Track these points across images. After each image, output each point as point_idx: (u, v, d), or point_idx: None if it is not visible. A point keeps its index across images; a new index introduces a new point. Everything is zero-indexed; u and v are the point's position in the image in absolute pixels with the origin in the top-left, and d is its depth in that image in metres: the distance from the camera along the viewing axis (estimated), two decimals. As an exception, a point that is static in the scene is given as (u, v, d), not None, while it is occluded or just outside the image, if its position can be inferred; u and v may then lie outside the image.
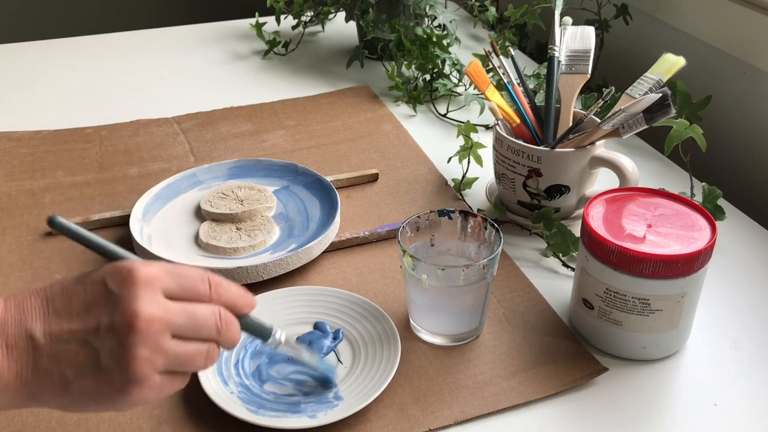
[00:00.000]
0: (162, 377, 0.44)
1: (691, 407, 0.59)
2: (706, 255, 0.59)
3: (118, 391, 0.43)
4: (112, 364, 0.43)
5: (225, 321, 0.47)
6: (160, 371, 0.44)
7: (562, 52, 0.81)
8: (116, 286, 0.43)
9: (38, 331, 0.43)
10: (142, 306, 0.43)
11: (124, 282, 0.43)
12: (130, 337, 0.42)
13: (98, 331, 0.43)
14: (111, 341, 0.43)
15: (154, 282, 0.44)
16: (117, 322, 0.43)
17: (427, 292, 0.61)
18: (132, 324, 0.42)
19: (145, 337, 0.43)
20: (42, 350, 0.43)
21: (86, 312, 0.43)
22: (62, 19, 2.38)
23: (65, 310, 0.44)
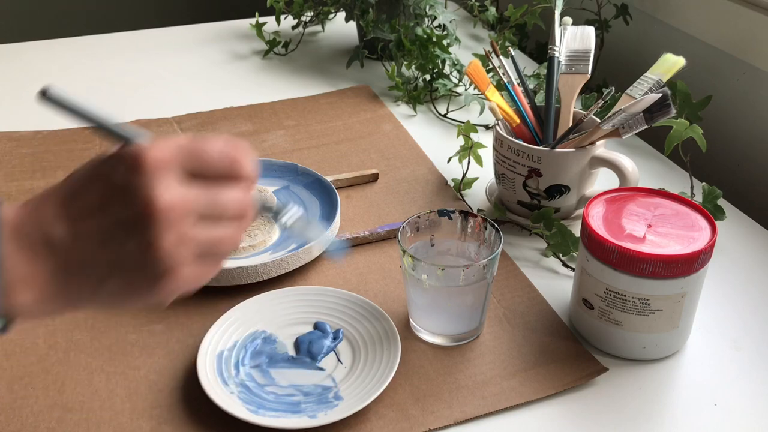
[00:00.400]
0: (193, 265, 0.42)
1: (691, 407, 0.59)
2: (706, 255, 0.59)
3: (151, 285, 0.41)
4: (139, 258, 0.40)
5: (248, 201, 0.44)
6: (190, 259, 0.42)
7: (562, 52, 0.81)
8: (125, 178, 0.40)
9: (59, 234, 0.40)
10: (157, 193, 0.39)
11: (133, 171, 0.40)
12: (150, 228, 0.40)
13: (118, 227, 0.40)
14: (133, 235, 0.40)
15: (166, 165, 0.40)
16: (134, 215, 0.40)
17: (427, 292, 0.61)
18: (150, 214, 0.39)
19: (167, 224, 0.40)
20: (67, 253, 0.40)
21: (101, 209, 0.40)
22: (62, 19, 2.38)
23: (81, 210, 0.41)
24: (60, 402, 0.59)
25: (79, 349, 0.64)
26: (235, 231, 0.44)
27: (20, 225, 0.40)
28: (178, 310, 0.68)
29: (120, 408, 0.58)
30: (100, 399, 0.59)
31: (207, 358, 0.60)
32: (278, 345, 0.63)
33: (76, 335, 0.65)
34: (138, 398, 0.59)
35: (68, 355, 0.63)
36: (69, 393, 0.59)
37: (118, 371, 0.61)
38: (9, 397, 0.59)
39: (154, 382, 0.60)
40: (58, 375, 0.61)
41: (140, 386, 0.60)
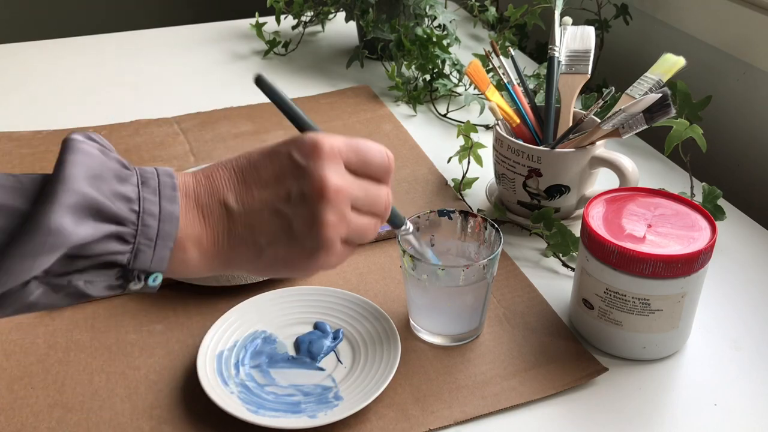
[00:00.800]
0: (342, 245, 0.48)
1: (691, 407, 0.59)
2: (706, 255, 0.59)
3: (307, 257, 0.46)
4: (304, 230, 0.45)
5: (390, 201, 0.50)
6: (342, 239, 0.47)
7: (562, 52, 0.81)
8: (303, 159, 0.45)
9: (232, 200, 0.45)
10: (329, 176, 0.45)
11: (311, 154, 0.46)
12: (320, 204, 0.45)
13: (289, 200, 0.45)
14: (302, 209, 0.45)
15: (337, 155, 0.46)
16: (307, 191, 0.45)
17: (427, 292, 0.61)
18: (322, 192, 0.45)
19: (334, 204, 0.45)
20: (237, 218, 0.45)
21: (276, 182, 0.46)
22: (62, 19, 2.38)
23: (255, 181, 0.46)
24: (60, 402, 0.59)
25: (79, 349, 0.64)
26: (376, 224, 0.50)
27: (195, 188, 0.45)
28: (178, 310, 0.68)
29: (120, 408, 0.58)
30: (100, 399, 0.59)
31: (207, 358, 0.60)
32: (278, 345, 0.63)
33: (76, 335, 0.65)
34: (138, 398, 0.59)
35: (68, 355, 0.63)
36: (69, 393, 0.59)
37: (118, 371, 0.61)
38: (9, 397, 0.59)
39: (154, 382, 0.60)
40: (58, 375, 0.61)
41: (140, 386, 0.60)
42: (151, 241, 0.43)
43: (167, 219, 0.43)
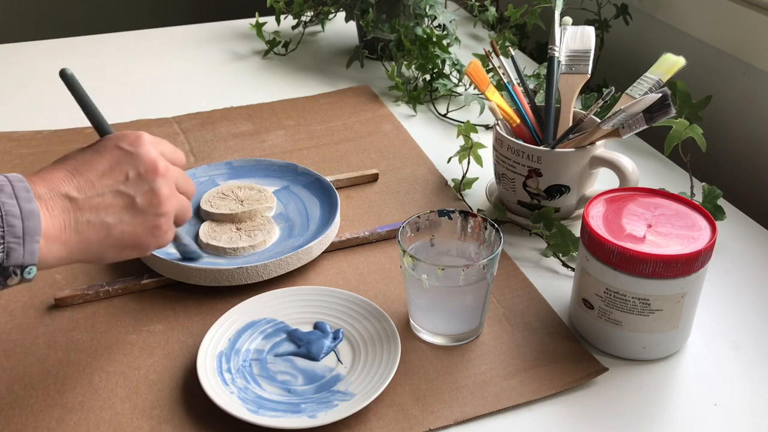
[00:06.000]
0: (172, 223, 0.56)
1: (691, 407, 0.59)
2: (706, 255, 0.59)
3: (151, 229, 0.54)
4: (146, 204, 0.53)
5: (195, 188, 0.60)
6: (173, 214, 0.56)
7: (562, 52, 0.81)
8: (132, 147, 0.54)
9: (73, 191, 0.51)
10: (157, 156, 0.54)
11: (137, 142, 0.54)
12: (156, 179, 0.54)
13: (128, 181, 0.53)
14: (142, 185, 0.53)
15: (156, 144, 0.56)
16: (143, 171, 0.53)
17: (427, 292, 0.61)
18: (156, 169, 0.54)
19: (167, 179, 0.55)
20: (82, 205, 0.51)
21: (112, 170, 0.53)
22: (62, 19, 2.38)
23: (92, 173, 0.52)
24: (60, 402, 0.59)
25: (79, 349, 0.64)
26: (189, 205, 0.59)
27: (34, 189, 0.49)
28: (178, 310, 0.68)
29: (120, 408, 0.58)
30: (100, 399, 0.59)
31: (207, 358, 0.60)
32: (279, 344, 0.63)
33: (76, 335, 0.65)
34: (138, 398, 0.59)
35: (68, 355, 0.63)
36: (69, 393, 0.59)
37: (118, 371, 0.61)
38: (9, 397, 0.59)
39: (154, 382, 0.60)
40: (58, 375, 0.61)
41: (140, 386, 0.60)
42: (18, 238, 0.47)
43: (29, 216, 0.48)
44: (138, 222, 0.53)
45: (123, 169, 0.53)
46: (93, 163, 0.53)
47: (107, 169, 0.52)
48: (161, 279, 0.70)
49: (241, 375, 0.60)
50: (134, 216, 0.53)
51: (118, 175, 0.52)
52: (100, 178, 0.52)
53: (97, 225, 0.51)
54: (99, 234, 0.52)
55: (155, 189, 0.53)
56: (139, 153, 0.54)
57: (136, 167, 0.53)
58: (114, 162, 0.53)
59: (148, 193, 0.53)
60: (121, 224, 0.52)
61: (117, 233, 0.52)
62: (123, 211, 0.52)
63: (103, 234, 0.52)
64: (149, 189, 0.53)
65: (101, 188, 0.52)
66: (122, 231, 0.53)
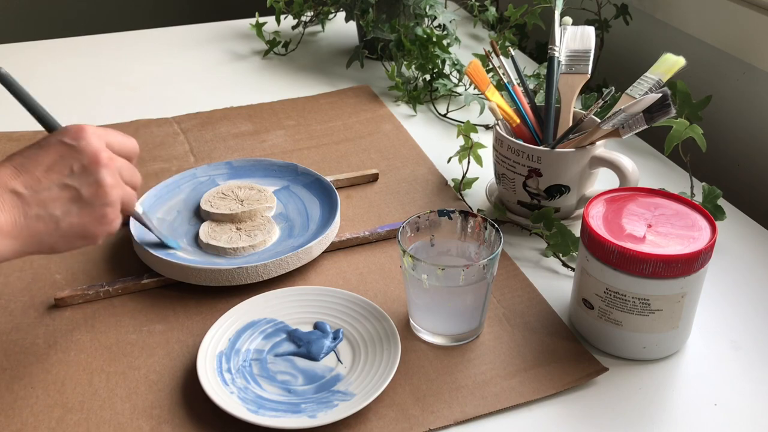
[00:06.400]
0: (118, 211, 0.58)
1: (691, 407, 0.59)
2: (706, 255, 0.59)
3: (98, 218, 0.56)
4: (91, 195, 0.55)
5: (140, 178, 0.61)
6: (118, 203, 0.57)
7: (562, 52, 0.81)
8: (74, 141, 0.55)
9: (20, 187, 0.53)
10: (101, 148, 0.56)
11: (79, 135, 0.55)
12: (100, 170, 0.55)
13: (73, 174, 0.54)
14: (87, 178, 0.55)
15: (101, 135, 0.57)
16: (86, 163, 0.55)
17: (427, 292, 0.61)
18: (98, 161, 0.55)
19: (110, 169, 0.56)
20: (29, 200, 0.53)
21: (56, 164, 0.54)
22: (62, 19, 2.38)
23: (37, 168, 0.54)
24: (60, 402, 0.59)
25: (79, 349, 0.64)
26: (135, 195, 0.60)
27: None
28: (178, 310, 0.68)
29: (120, 408, 0.58)
30: (100, 399, 0.59)
31: (207, 358, 0.60)
32: (279, 344, 0.63)
33: (76, 335, 0.65)
34: (138, 398, 0.59)
35: (68, 355, 0.63)
36: (69, 393, 0.59)
37: (118, 371, 0.61)
38: (9, 397, 0.59)
39: (154, 382, 0.60)
40: (58, 375, 0.61)
41: (140, 386, 0.60)
42: None
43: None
44: (85, 213, 0.55)
45: (67, 162, 0.54)
46: (37, 158, 0.54)
47: (52, 164, 0.54)
48: (161, 279, 0.70)
49: (241, 375, 0.60)
50: (81, 208, 0.55)
51: (62, 169, 0.54)
52: (45, 173, 0.54)
53: (45, 218, 0.53)
54: (48, 227, 0.54)
55: (99, 180, 0.55)
56: (82, 146, 0.55)
57: (79, 160, 0.55)
58: (58, 156, 0.55)
59: (93, 184, 0.55)
60: (68, 216, 0.54)
61: (65, 225, 0.54)
62: (70, 203, 0.54)
63: (52, 226, 0.54)
64: (93, 181, 0.55)
65: (47, 183, 0.54)
66: (70, 223, 0.54)
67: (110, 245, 0.76)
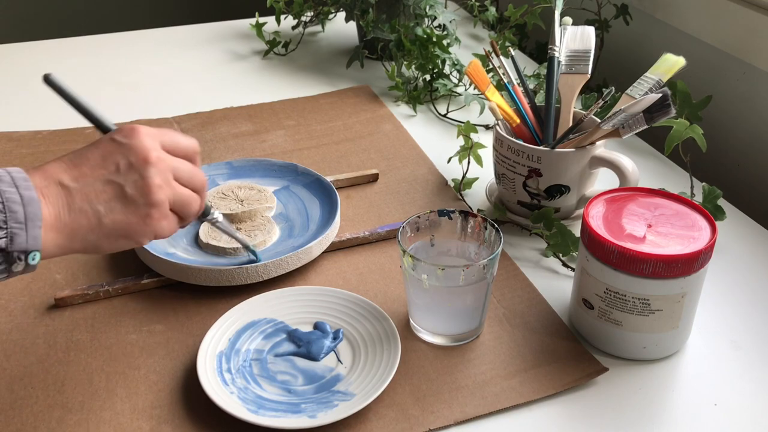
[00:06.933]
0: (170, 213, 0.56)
1: (691, 407, 0.59)
2: (706, 255, 0.59)
3: (143, 220, 0.54)
4: (136, 193, 0.54)
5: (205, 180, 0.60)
6: (170, 203, 0.55)
7: (562, 52, 0.81)
8: (125, 138, 0.54)
9: (66, 179, 0.52)
10: (151, 146, 0.54)
11: (131, 134, 0.55)
12: (147, 168, 0.54)
13: (119, 171, 0.53)
14: (132, 175, 0.54)
15: (154, 136, 0.56)
16: (134, 160, 0.54)
17: (427, 292, 0.61)
18: (147, 159, 0.54)
19: (158, 168, 0.54)
20: (73, 192, 0.52)
21: (104, 161, 0.54)
22: (62, 19, 2.38)
23: (85, 163, 0.54)
24: (60, 402, 0.59)
25: (79, 349, 0.64)
26: (197, 198, 0.58)
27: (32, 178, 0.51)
28: (178, 310, 0.68)
29: (120, 408, 0.58)
30: (100, 399, 0.59)
31: (207, 358, 0.60)
32: (279, 344, 0.63)
33: (76, 335, 0.65)
34: (138, 398, 0.59)
35: (68, 355, 0.63)
36: (69, 393, 0.59)
37: (118, 371, 0.61)
38: (9, 397, 0.59)
39: (154, 382, 0.60)
40: (58, 375, 0.61)
41: (140, 386, 0.60)
42: (21, 224, 0.49)
43: (29, 203, 0.50)
44: (129, 211, 0.54)
45: (114, 159, 0.54)
46: (88, 155, 0.54)
47: (100, 160, 0.54)
48: (161, 279, 0.70)
49: (241, 375, 0.60)
50: (125, 205, 0.53)
51: (109, 165, 0.54)
52: (92, 168, 0.54)
53: (88, 213, 0.53)
54: (90, 222, 0.53)
55: (145, 178, 0.54)
56: (132, 144, 0.54)
57: (127, 157, 0.54)
58: (106, 153, 0.54)
59: (138, 182, 0.54)
60: (111, 213, 0.53)
61: (108, 222, 0.53)
62: (114, 200, 0.53)
63: (95, 222, 0.53)
64: (139, 178, 0.54)
65: (92, 178, 0.53)
66: (113, 220, 0.53)
67: (110, 245, 0.76)
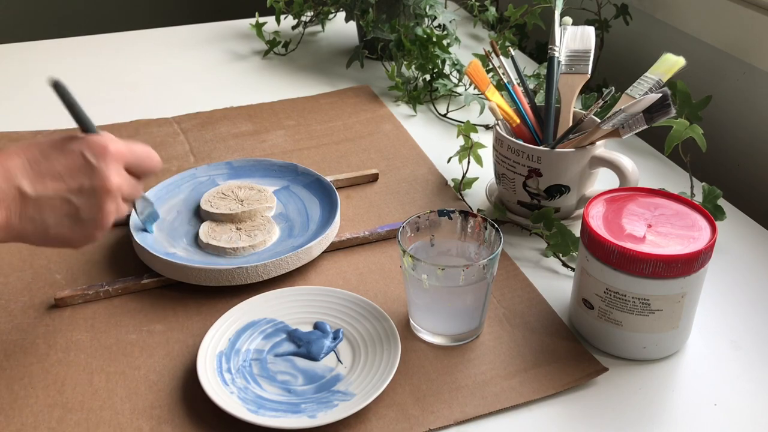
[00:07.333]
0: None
1: (691, 407, 0.59)
2: (706, 255, 0.59)
3: (86, 236, 0.57)
4: (89, 217, 0.56)
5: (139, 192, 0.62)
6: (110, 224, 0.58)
7: (562, 52, 0.81)
8: (94, 158, 0.55)
9: (27, 186, 0.53)
10: (113, 176, 0.56)
11: (101, 156, 0.56)
12: (104, 197, 0.56)
13: (81, 192, 0.55)
14: (90, 200, 0.55)
15: (120, 158, 0.57)
16: (96, 186, 0.55)
17: (427, 292, 0.61)
18: (108, 188, 0.56)
19: (114, 197, 0.57)
20: (30, 201, 0.53)
21: (69, 176, 0.55)
22: (62, 19, 2.38)
23: (49, 172, 0.54)
24: (60, 402, 0.59)
25: (79, 349, 0.64)
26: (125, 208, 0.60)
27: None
28: (178, 310, 0.68)
29: (120, 408, 0.58)
30: (100, 399, 0.59)
31: (207, 358, 0.60)
32: (279, 344, 0.63)
33: (76, 335, 0.65)
34: (138, 398, 0.59)
35: (68, 355, 0.63)
36: (69, 393, 0.59)
37: (118, 371, 0.61)
38: (9, 397, 0.59)
39: (154, 382, 0.60)
40: (58, 375, 0.61)
41: (140, 386, 0.60)
42: None
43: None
44: (77, 229, 0.56)
45: (79, 178, 0.55)
46: (53, 161, 0.55)
47: (65, 173, 0.55)
48: (161, 279, 0.70)
49: (241, 375, 0.60)
50: (75, 224, 0.55)
51: (72, 184, 0.55)
52: (55, 180, 0.54)
53: (37, 222, 0.54)
54: (37, 230, 0.54)
55: (101, 206, 0.56)
56: (98, 168, 0.55)
57: (91, 181, 0.55)
58: (73, 167, 0.55)
59: (94, 208, 0.55)
60: (59, 227, 0.55)
61: (53, 233, 0.55)
62: (66, 216, 0.55)
63: (41, 231, 0.55)
64: (96, 205, 0.55)
65: (53, 191, 0.54)
66: (58, 233, 0.55)
67: (110, 245, 0.76)
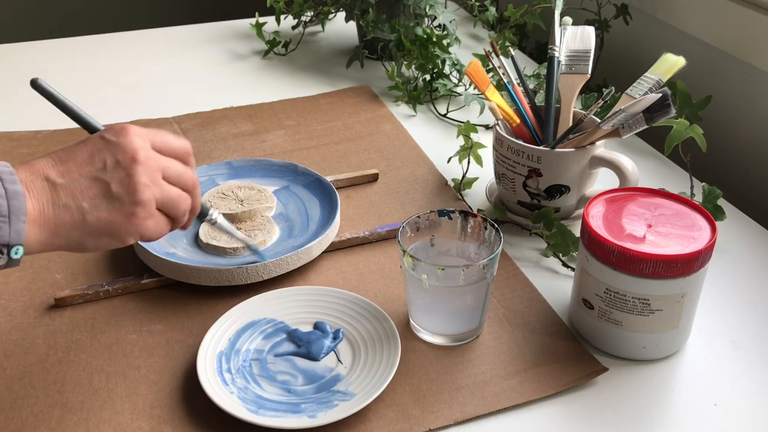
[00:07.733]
0: (156, 213, 0.55)
1: (691, 407, 0.59)
2: (706, 255, 0.59)
3: (127, 217, 0.53)
4: (122, 191, 0.53)
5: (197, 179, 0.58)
6: (158, 202, 0.55)
7: (562, 52, 0.81)
8: (114, 137, 0.54)
9: (53, 174, 0.52)
10: (139, 144, 0.54)
11: (120, 133, 0.54)
12: (134, 167, 0.53)
13: (106, 168, 0.53)
14: (118, 173, 0.53)
15: (144, 135, 0.55)
16: (121, 159, 0.53)
17: (427, 292, 0.61)
18: (134, 157, 0.53)
19: (146, 167, 0.54)
20: (59, 188, 0.52)
21: (91, 158, 0.53)
22: (62, 19, 2.38)
23: (72, 160, 0.53)
24: (60, 402, 0.59)
25: (79, 349, 0.64)
26: (187, 198, 0.57)
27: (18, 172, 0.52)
28: (178, 310, 0.68)
29: (120, 408, 0.58)
30: (100, 399, 0.59)
31: (207, 358, 0.60)
32: (279, 344, 0.63)
33: (76, 335, 0.65)
34: (138, 398, 0.59)
35: (68, 355, 0.63)
36: (69, 393, 0.59)
37: (118, 371, 0.61)
38: (9, 397, 0.59)
39: (154, 382, 0.60)
40: (58, 375, 0.61)
41: (140, 386, 0.60)
42: (5, 217, 0.49)
43: (13, 196, 0.50)
44: (114, 209, 0.53)
45: (102, 156, 0.53)
46: (76, 152, 0.54)
47: (87, 158, 0.54)
48: (161, 279, 0.70)
49: (241, 375, 0.60)
50: (110, 203, 0.53)
51: (96, 163, 0.53)
52: (79, 165, 0.53)
53: (72, 209, 0.52)
54: (74, 218, 0.52)
55: (132, 176, 0.53)
56: (120, 142, 0.54)
57: (114, 155, 0.53)
58: (94, 151, 0.54)
59: (125, 180, 0.53)
60: (96, 210, 0.53)
61: (92, 219, 0.53)
62: (99, 197, 0.53)
63: (79, 219, 0.52)
64: (125, 176, 0.53)
65: (78, 174, 0.53)
66: (97, 217, 0.53)
67: (110, 245, 0.76)
